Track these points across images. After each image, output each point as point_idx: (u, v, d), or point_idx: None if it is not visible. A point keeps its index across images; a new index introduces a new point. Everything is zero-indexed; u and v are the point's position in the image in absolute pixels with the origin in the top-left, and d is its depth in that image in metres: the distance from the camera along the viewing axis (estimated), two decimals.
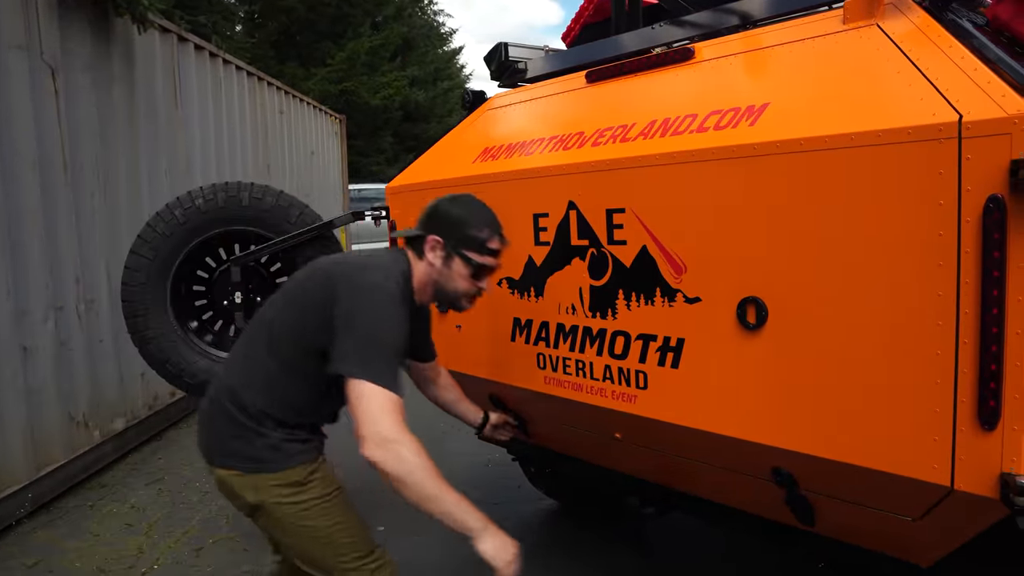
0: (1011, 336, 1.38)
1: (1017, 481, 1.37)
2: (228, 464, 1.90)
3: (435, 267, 1.96)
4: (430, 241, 1.95)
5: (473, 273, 1.97)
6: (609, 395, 2.14)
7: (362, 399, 1.64)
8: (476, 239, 1.94)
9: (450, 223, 1.95)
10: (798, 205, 1.64)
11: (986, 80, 1.43)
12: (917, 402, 1.52)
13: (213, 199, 3.05)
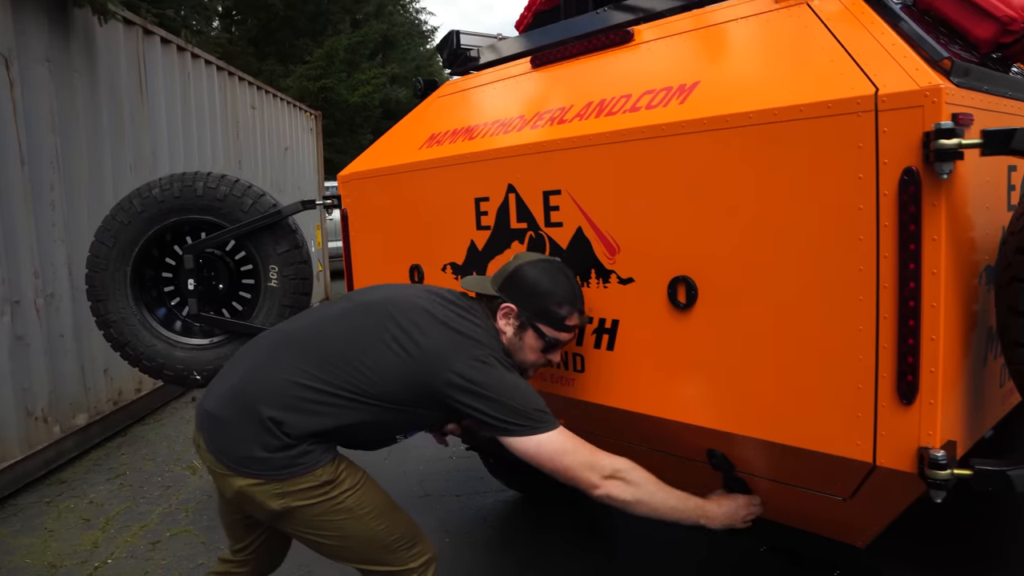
0: (927, 309, 1.38)
1: (931, 455, 1.37)
2: (251, 473, 1.75)
3: (506, 335, 1.89)
4: (504, 309, 1.88)
5: (544, 347, 1.89)
6: (547, 379, 2.13)
7: (553, 453, 1.70)
8: (555, 315, 1.86)
9: (530, 293, 1.86)
10: (723, 181, 1.63)
11: (903, 55, 1.43)
12: (842, 379, 1.51)
13: (170, 188, 3.03)
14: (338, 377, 1.76)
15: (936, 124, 1.29)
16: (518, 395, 1.72)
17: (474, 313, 1.87)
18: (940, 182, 1.32)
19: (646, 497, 1.70)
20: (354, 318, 1.86)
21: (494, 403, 1.69)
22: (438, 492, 3.99)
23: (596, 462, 1.70)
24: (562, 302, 1.86)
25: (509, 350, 1.88)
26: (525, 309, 1.86)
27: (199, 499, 4.06)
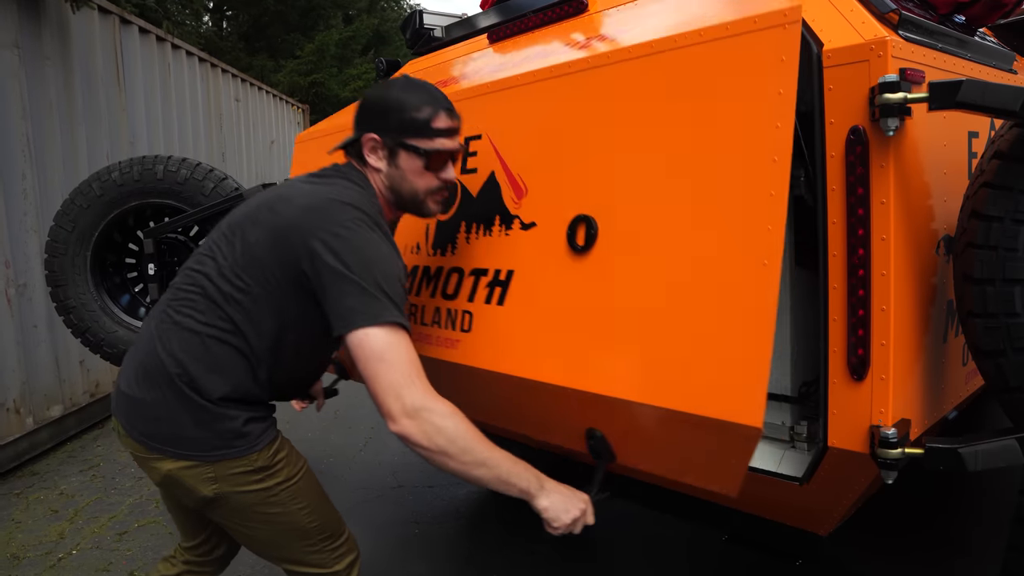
0: (876, 278, 1.30)
1: (882, 433, 1.30)
2: (181, 455, 1.60)
3: (382, 171, 1.66)
4: (367, 142, 1.64)
5: (427, 164, 1.64)
6: (434, 341, 1.96)
7: (371, 354, 1.38)
8: (417, 122, 1.61)
9: (382, 113, 1.63)
10: (627, 113, 1.52)
11: (849, 8, 1.35)
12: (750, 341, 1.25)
13: (129, 172, 2.96)
14: (220, 305, 1.58)
15: (881, 78, 1.22)
16: (375, 271, 1.45)
17: (343, 176, 1.65)
18: (888, 141, 1.24)
19: (455, 452, 1.39)
20: (223, 244, 1.63)
21: (346, 282, 1.43)
22: (411, 483, 3.91)
23: (406, 390, 1.37)
24: (420, 105, 1.62)
25: (392, 186, 1.67)
26: (386, 132, 1.63)
27: None
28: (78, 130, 5.13)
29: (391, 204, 1.70)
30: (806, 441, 1.68)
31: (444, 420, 1.38)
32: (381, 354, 1.38)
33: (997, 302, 1.24)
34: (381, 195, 1.68)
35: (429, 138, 1.62)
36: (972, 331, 1.32)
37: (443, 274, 1.98)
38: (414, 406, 1.37)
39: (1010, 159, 1.21)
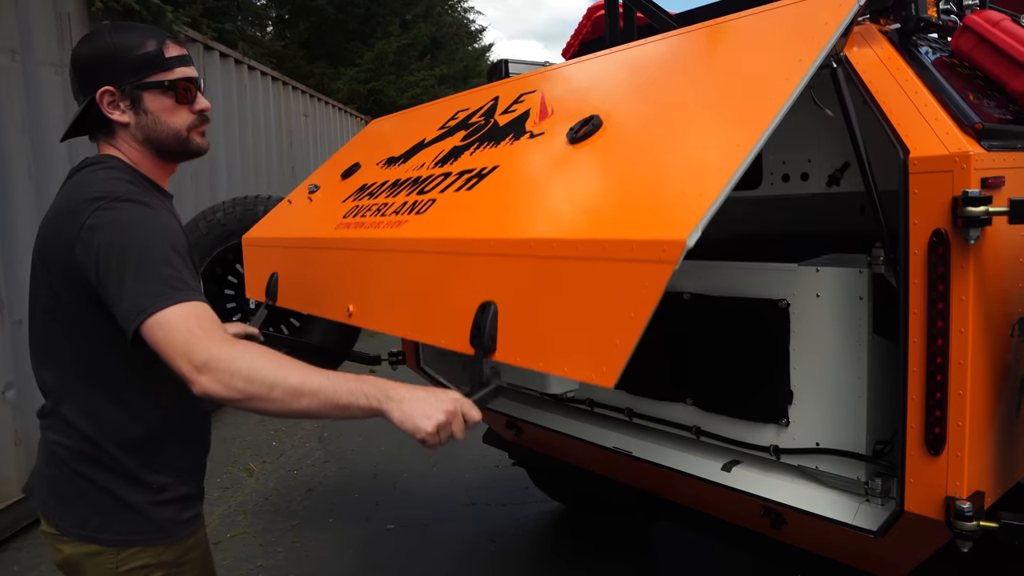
0: (954, 367, 1.43)
1: (957, 506, 1.42)
2: (84, 536, 1.42)
3: (131, 124, 1.47)
4: (103, 97, 1.44)
5: (177, 98, 1.48)
6: (381, 226, 1.88)
7: (159, 336, 1.24)
8: (149, 57, 1.45)
9: (105, 63, 1.44)
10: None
11: (934, 116, 1.48)
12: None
13: (232, 212, 3.21)
14: (44, 343, 1.47)
15: (964, 191, 1.35)
16: (145, 263, 1.29)
17: (87, 167, 1.47)
18: (969, 246, 1.37)
19: (261, 391, 1.22)
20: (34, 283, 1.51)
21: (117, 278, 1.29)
22: (484, 501, 4.11)
23: (191, 347, 1.23)
24: (143, 41, 1.46)
25: (148, 136, 1.48)
26: (120, 80, 1.44)
27: (256, 502, 4.26)
28: None
29: (155, 157, 1.52)
30: (880, 496, 1.81)
31: (236, 362, 1.22)
32: (161, 330, 1.24)
33: None
34: (139, 153, 1.50)
35: (167, 69, 1.47)
36: None
37: (431, 179, 1.95)
38: (202, 360, 1.22)
39: None
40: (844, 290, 1.82)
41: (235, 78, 6.77)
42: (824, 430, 1.92)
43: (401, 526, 3.83)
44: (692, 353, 2.21)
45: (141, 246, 1.30)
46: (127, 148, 1.50)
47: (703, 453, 2.21)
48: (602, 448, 2.45)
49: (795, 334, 1.94)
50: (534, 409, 2.79)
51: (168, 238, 1.35)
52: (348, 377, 1.27)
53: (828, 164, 1.90)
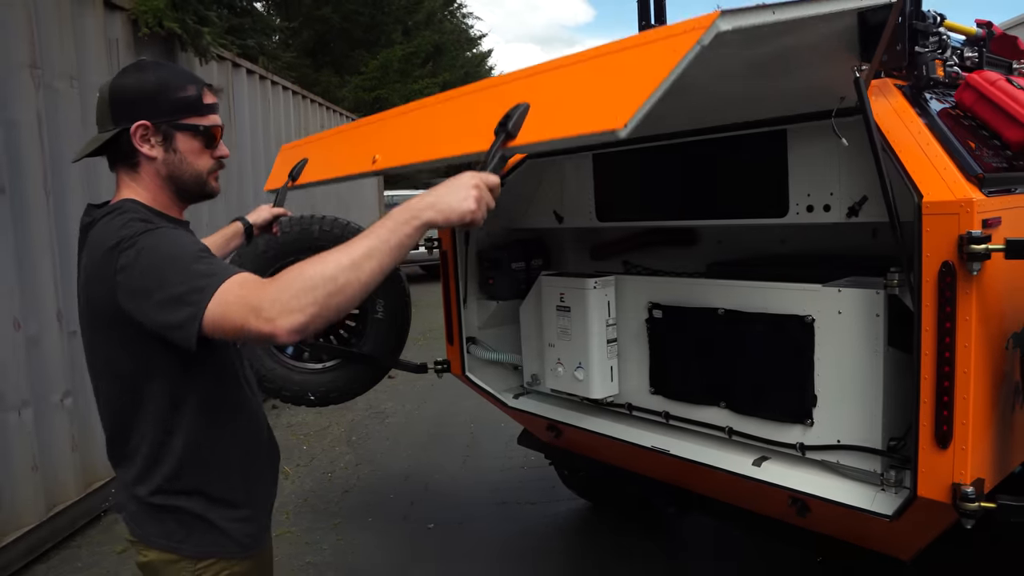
0: (960, 376, 1.72)
1: (963, 490, 1.71)
2: (165, 545, 1.54)
3: (158, 160, 1.52)
4: (137, 131, 1.49)
5: (206, 143, 1.57)
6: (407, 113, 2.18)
7: (220, 322, 1.26)
8: (190, 100, 1.52)
9: (148, 98, 1.49)
10: None
11: (944, 167, 1.77)
12: None
13: (289, 231, 3.47)
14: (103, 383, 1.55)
15: (968, 231, 1.64)
16: (176, 273, 1.32)
17: (100, 220, 1.49)
18: (972, 276, 1.66)
19: (334, 289, 1.23)
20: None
21: (156, 295, 1.31)
22: (514, 500, 4.38)
23: (249, 305, 1.23)
24: (185, 84, 1.53)
25: (172, 173, 1.54)
26: (158, 116, 1.50)
27: (295, 503, 4.52)
28: None
29: (172, 195, 1.57)
30: (894, 486, 2.10)
31: (291, 287, 1.23)
32: (219, 315, 1.26)
33: None
34: (158, 188, 1.54)
35: (203, 115, 1.55)
36: None
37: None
38: (263, 307, 1.22)
39: None
40: (863, 308, 2.11)
41: (259, 93, 7.04)
42: (845, 429, 2.21)
43: (438, 525, 4.10)
44: (726, 362, 2.50)
45: (171, 256, 1.34)
46: (147, 182, 1.54)
47: (735, 451, 2.50)
48: (640, 447, 2.73)
49: (819, 346, 2.23)
50: (575, 413, 3.07)
51: (187, 241, 1.41)
52: (380, 224, 1.31)
53: (848, 197, 2.18)
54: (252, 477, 1.63)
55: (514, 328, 3.43)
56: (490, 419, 5.66)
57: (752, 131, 2.40)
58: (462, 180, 1.34)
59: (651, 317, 2.76)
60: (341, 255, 1.26)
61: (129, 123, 1.49)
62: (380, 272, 1.28)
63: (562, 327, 2.93)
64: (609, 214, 3.04)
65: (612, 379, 2.89)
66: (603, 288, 2.83)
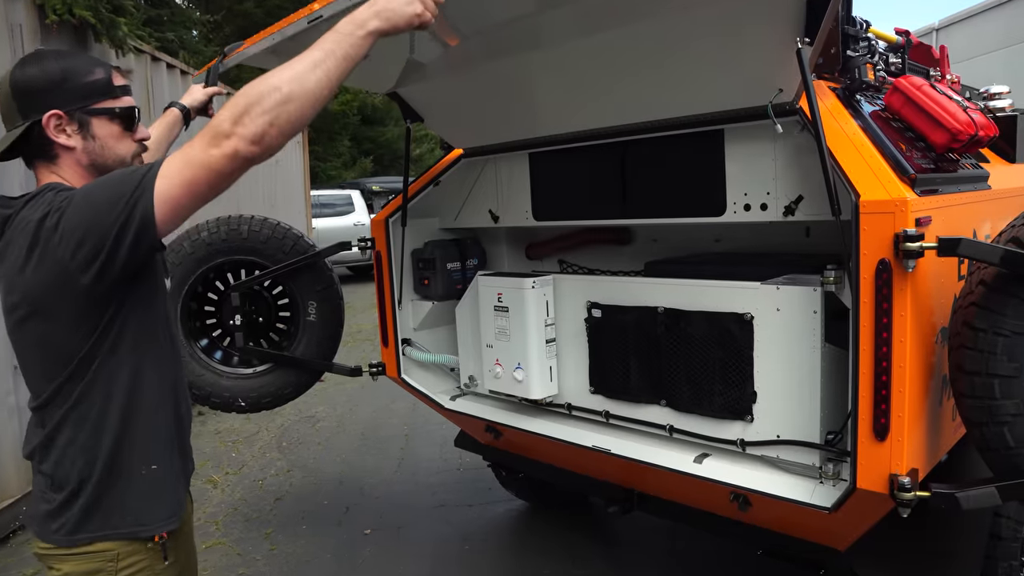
0: (896, 369, 1.77)
1: (899, 480, 1.77)
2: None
3: (77, 148, 1.48)
4: (50, 120, 1.44)
5: (124, 125, 1.53)
6: None
7: (167, 190, 1.27)
8: (99, 83, 1.48)
9: (54, 88, 1.44)
10: None
11: (879, 168, 1.82)
12: None
13: (217, 231, 3.33)
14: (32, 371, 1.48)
15: (904, 230, 1.68)
16: (113, 182, 1.32)
17: (31, 200, 1.42)
18: (907, 273, 1.71)
19: (278, 96, 1.25)
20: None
21: (100, 208, 1.29)
22: (451, 502, 4.32)
23: (195, 150, 1.27)
24: (92, 68, 1.49)
25: (94, 161, 1.50)
26: (69, 103, 1.45)
27: (226, 512, 4.34)
28: None
29: None
30: (832, 478, 2.15)
31: (237, 105, 1.26)
32: (165, 185, 1.28)
33: (983, 388, 1.72)
34: (82, 179, 1.50)
35: (116, 97, 1.51)
36: (963, 407, 1.80)
37: None
38: (217, 136, 1.26)
39: (991, 288, 1.70)
40: (800, 305, 2.16)
41: (181, 88, 6.74)
42: (784, 424, 2.25)
43: (376, 530, 4.01)
44: (666, 361, 2.51)
45: (101, 184, 1.34)
46: (69, 174, 1.50)
47: (676, 448, 2.52)
48: (581, 447, 2.72)
49: (758, 343, 2.26)
50: (514, 414, 3.04)
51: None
52: (324, 37, 1.33)
53: (784, 196, 2.23)
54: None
55: (450, 329, 3.38)
56: (424, 420, 5.60)
57: (689, 131, 2.42)
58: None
59: (590, 316, 2.75)
60: (284, 69, 1.26)
61: (39, 114, 1.44)
62: (328, 83, 1.29)
63: (500, 327, 2.90)
64: (546, 213, 3.03)
65: (551, 379, 2.88)
66: (541, 288, 2.81)
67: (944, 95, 2.08)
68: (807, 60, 1.81)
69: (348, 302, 3.75)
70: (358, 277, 14.16)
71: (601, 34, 2.20)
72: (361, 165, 19.60)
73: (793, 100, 2.06)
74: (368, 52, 1.35)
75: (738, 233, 2.86)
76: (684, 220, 2.53)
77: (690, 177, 2.48)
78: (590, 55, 2.32)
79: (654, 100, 2.39)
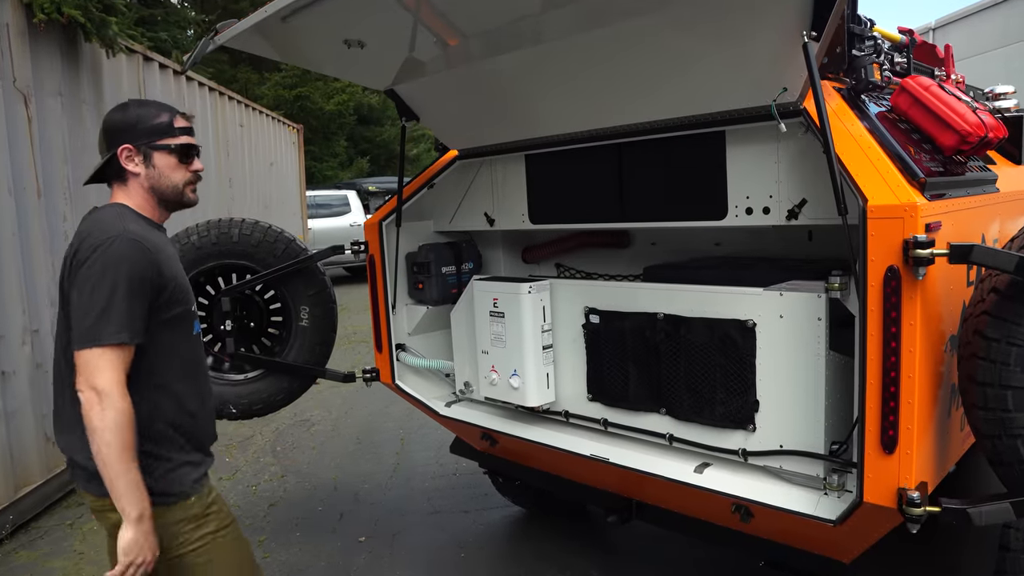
0: (905, 380, 1.71)
1: (908, 495, 1.70)
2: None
3: (141, 175, 1.91)
4: (123, 152, 1.89)
5: (180, 158, 1.94)
6: None
7: (89, 366, 1.67)
8: (162, 126, 1.91)
9: (128, 127, 1.89)
10: None
11: (887, 171, 1.76)
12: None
13: (207, 235, 3.25)
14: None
15: (914, 236, 1.62)
16: (102, 297, 1.70)
17: (96, 218, 1.88)
18: (917, 280, 1.65)
19: (99, 437, 1.66)
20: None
21: (82, 298, 1.71)
22: (447, 509, 4.26)
23: (105, 378, 1.67)
24: (158, 113, 1.92)
25: (153, 185, 1.92)
26: (137, 140, 1.88)
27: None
28: None
29: (157, 205, 1.96)
30: (837, 490, 2.09)
31: (115, 415, 1.66)
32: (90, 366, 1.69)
33: (996, 400, 1.66)
34: (144, 199, 1.93)
35: (174, 136, 1.93)
36: (975, 419, 1.74)
37: None
38: (108, 390, 1.66)
39: (1004, 296, 1.64)
40: (805, 312, 2.10)
41: (173, 89, 6.68)
42: (787, 434, 2.19)
43: (370, 537, 3.94)
44: (666, 368, 2.45)
45: (108, 281, 1.72)
46: (134, 193, 1.94)
47: (676, 458, 2.46)
48: (579, 456, 2.66)
49: (761, 350, 2.20)
50: (510, 421, 2.98)
51: (134, 268, 1.75)
52: (133, 487, 1.69)
53: (787, 200, 2.17)
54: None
55: (445, 334, 3.31)
56: (420, 424, 5.52)
57: (690, 132, 2.36)
58: (141, 552, 1.71)
59: (588, 322, 2.69)
60: (115, 450, 1.67)
61: (117, 148, 1.89)
62: (101, 469, 1.70)
63: (496, 333, 2.84)
64: (543, 216, 2.96)
65: (548, 386, 2.81)
66: (538, 293, 2.75)
67: (952, 96, 2.02)
68: (814, 55, 1.75)
69: (344, 304, 3.70)
70: (355, 278, 14.06)
71: (599, 31, 2.13)
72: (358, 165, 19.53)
73: (798, 100, 2.00)
74: None
75: (738, 237, 2.80)
76: (684, 224, 2.47)
77: (690, 180, 2.42)
78: (588, 53, 2.26)
79: (654, 100, 2.33)
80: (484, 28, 2.31)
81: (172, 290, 1.86)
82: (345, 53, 2.50)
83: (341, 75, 3.19)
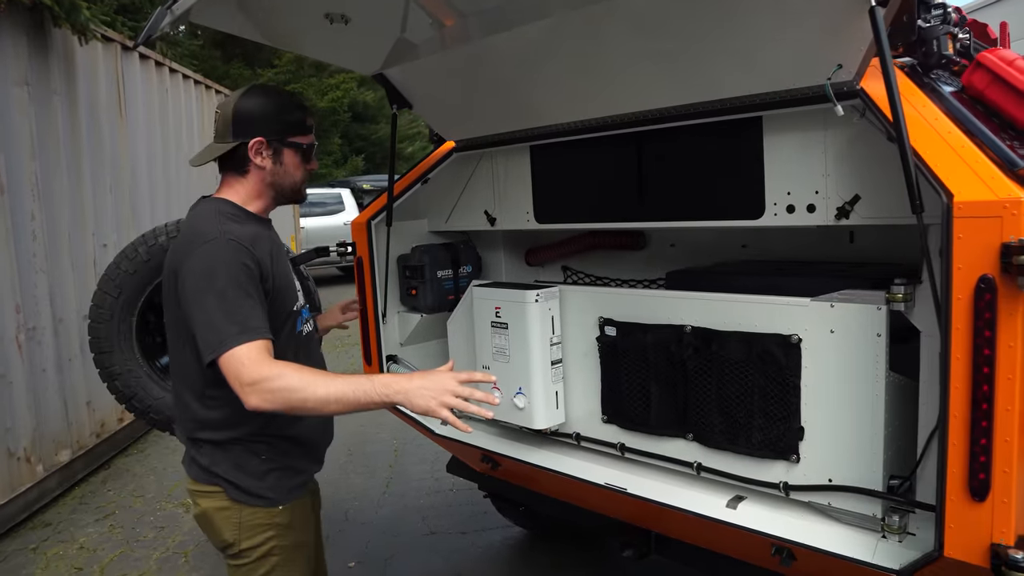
0: (1000, 412, 1.41)
1: (1010, 555, 1.40)
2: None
3: (267, 169, 1.84)
4: (254, 145, 1.81)
5: (303, 158, 1.90)
6: None
7: (228, 373, 1.61)
8: (298, 123, 1.87)
9: (265, 118, 1.82)
10: None
11: (975, 159, 1.45)
12: None
13: (176, 235, 2.94)
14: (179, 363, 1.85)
15: (1016, 239, 1.32)
16: (222, 304, 1.65)
17: (198, 213, 1.85)
18: (1020, 293, 1.35)
19: (298, 402, 1.58)
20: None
21: (199, 310, 1.66)
22: (443, 529, 3.95)
23: (244, 373, 1.59)
24: (294, 108, 1.88)
25: (275, 181, 1.86)
26: (271, 134, 1.82)
27: (196, 542, 3.96)
28: (83, 164, 5.06)
29: (269, 198, 1.90)
30: (897, 533, 1.79)
31: (277, 382, 1.58)
32: (228, 373, 1.62)
33: None
34: (259, 192, 1.87)
35: (306, 135, 1.89)
36: None
37: None
38: (247, 387, 1.58)
39: None
40: (860, 327, 1.80)
41: (156, 81, 6.35)
42: (837, 466, 1.89)
43: (360, 562, 3.64)
44: (694, 388, 2.15)
45: (222, 281, 1.67)
46: (250, 186, 1.86)
47: (705, 490, 2.16)
48: (591, 484, 2.36)
49: (807, 369, 1.90)
50: (514, 443, 2.68)
51: (243, 273, 1.70)
52: (361, 383, 1.61)
53: (837, 196, 1.87)
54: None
55: (441, 343, 3.02)
56: (415, 434, 5.19)
57: (721, 119, 2.06)
58: (441, 383, 1.61)
59: (603, 335, 2.39)
60: (321, 387, 1.59)
61: (248, 138, 1.80)
62: (336, 413, 1.70)
63: (498, 346, 2.53)
64: (550, 215, 2.66)
65: (557, 406, 2.51)
66: (546, 301, 2.45)
67: None
68: (882, 22, 1.45)
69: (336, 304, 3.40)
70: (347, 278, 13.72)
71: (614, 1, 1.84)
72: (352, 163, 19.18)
73: (854, 78, 1.70)
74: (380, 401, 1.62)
75: (770, 238, 2.49)
76: (714, 224, 2.17)
77: (721, 173, 2.12)
78: (602, 28, 1.96)
79: (679, 82, 2.03)
80: (484, 1, 2.01)
81: (273, 288, 1.79)
82: (328, 31, 2.20)
83: (325, 58, 2.88)
